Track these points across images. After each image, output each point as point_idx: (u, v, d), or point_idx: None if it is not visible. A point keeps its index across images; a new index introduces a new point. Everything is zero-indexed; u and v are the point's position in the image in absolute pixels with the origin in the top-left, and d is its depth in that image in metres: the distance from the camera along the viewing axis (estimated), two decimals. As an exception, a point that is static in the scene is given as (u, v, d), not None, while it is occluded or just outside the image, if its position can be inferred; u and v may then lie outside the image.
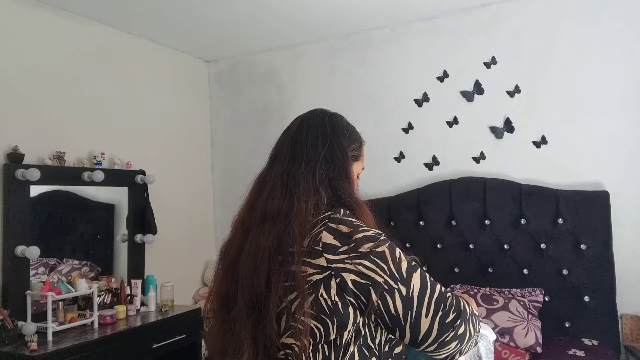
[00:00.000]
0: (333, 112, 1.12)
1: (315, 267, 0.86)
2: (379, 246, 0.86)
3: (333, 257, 0.85)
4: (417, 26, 3.21)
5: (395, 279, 0.84)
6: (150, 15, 2.99)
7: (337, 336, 0.85)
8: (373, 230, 0.91)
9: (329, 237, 0.87)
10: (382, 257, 0.85)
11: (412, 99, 3.22)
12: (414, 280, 0.85)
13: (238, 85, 3.87)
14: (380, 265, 0.84)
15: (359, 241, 0.86)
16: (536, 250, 2.74)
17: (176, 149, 3.59)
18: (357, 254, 0.85)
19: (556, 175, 2.80)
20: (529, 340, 2.39)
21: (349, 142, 1.07)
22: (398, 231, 3.12)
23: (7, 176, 2.46)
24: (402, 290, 0.84)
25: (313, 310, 0.84)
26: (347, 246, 0.86)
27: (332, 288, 0.84)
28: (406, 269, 0.86)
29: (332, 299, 0.84)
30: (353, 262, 0.85)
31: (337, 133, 1.05)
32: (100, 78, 3.05)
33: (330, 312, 0.84)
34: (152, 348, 2.57)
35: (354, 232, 0.87)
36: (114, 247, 3.09)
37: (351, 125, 1.12)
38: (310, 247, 0.87)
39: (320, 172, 0.98)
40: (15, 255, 2.44)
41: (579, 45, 2.77)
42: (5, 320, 2.24)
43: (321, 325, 0.84)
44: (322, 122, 1.05)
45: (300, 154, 0.99)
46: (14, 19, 2.62)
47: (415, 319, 0.83)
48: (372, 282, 0.84)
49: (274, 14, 3.04)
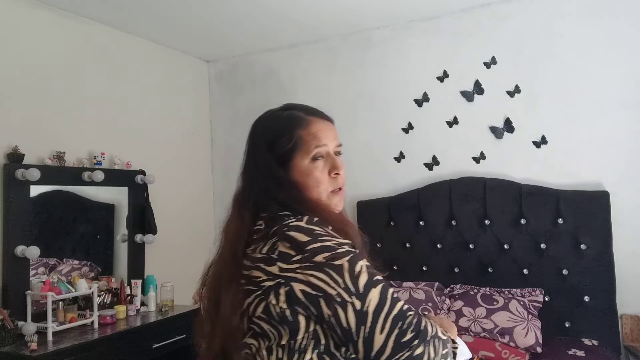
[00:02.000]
0: (265, 113, 1.06)
1: (268, 274, 0.86)
2: (336, 258, 0.83)
3: (285, 265, 0.85)
4: (417, 26, 3.21)
5: (350, 292, 0.80)
6: (150, 15, 2.99)
7: (291, 341, 0.85)
8: (335, 240, 0.86)
9: (284, 246, 0.86)
10: (338, 270, 0.82)
11: (412, 99, 3.22)
12: (371, 295, 0.81)
13: (238, 85, 3.87)
14: (334, 278, 0.81)
15: (314, 251, 0.83)
16: (536, 250, 2.74)
17: (176, 149, 3.59)
18: (311, 264, 0.83)
19: (556, 175, 2.80)
20: (529, 340, 2.39)
21: (274, 140, 0.99)
22: (398, 231, 3.12)
23: (7, 176, 2.46)
24: (356, 304, 0.80)
25: (265, 315, 0.86)
26: (300, 255, 0.84)
27: (280, 296, 0.84)
28: (365, 283, 0.81)
29: (281, 307, 0.84)
30: (305, 272, 0.83)
31: (259, 140, 1.01)
32: (101, 78, 3.05)
33: (280, 318, 0.84)
34: (152, 348, 2.57)
35: (311, 242, 0.84)
36: (114, 247, 3.09)
37: (279, 117, 1.03)
38: (268, 254, 0.88)
39: (255, 189, 0.97)
40: (15, 255, 2.44)
41: (578, 45, 2.77)
42: (5, 320, 2.23)
43: (274, 329, 0.86)
44: (250, 133, 1.04)
45: (242, 172, 1.03)
46: (14, 19, 2.62)
47: (369, 335, 0.79)
48: (323, 294, 0.81)
49: (274, 14, 3.04)
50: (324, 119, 1.04)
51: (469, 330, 2.52)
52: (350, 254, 0.84)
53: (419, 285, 2.88)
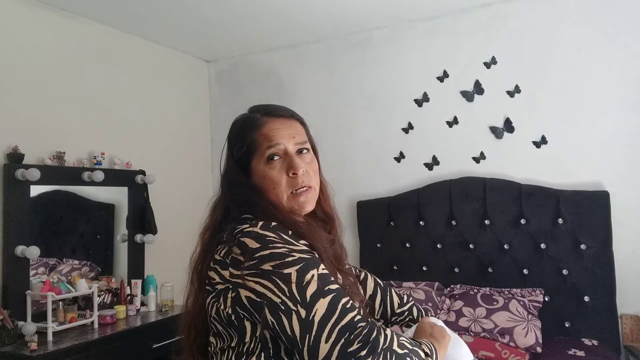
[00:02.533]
0: (238, 116, 1.05)
1: (221, 278, 0.88)
2: (284, 267, 0.81)
3: (235, 271, 0.86)
4: (417, 26, 3.21)
5: (296, 301, 0.79)
6: (150, 15, 2.99)
7: (240, 343, 0.87)
8: (287, 247, 0.84)
9: (237, 251, 0.86)
10: (285, 279, 0.80)
11: (412, 99, 3.21)
12: (317, 305, 0.79)
13: (238, 85, 3.87)
14: (280, 287, 0.80)
15: (263, 258, 0.83)
16: (536, 250, 2.74)
17: (176, 149, 3.59)
18: (257, 272, 0.82)
19: (556, 175, 2.80)
20: (529, 340, 2.39)
21: (235, 146, 1.00)
22: (398, 231, 3.12)
23: (7, 176, 2.46)
24: (301, 313, 0.78)
25: (217, 317, 0.89)
26: (249, 262, 0.83)
27: (228, 300, 0.86)
28: (312, 294, 0.80)
29: (227, 311, 0.86)
30: (252, 279, 0.83)
31: (228, 144, 1.03)
32: (101, 78, 3.05)
33: (228, 322, 0.87)
34: (152, 348, 2.57)
35: (261, 249, 0.84)
36: (114, 247, 3.09)
37: (237, 124, 1.03)
38: (223, 258, 0.89)
39: (228, 192, 1.01)
40: (15, 255, 2.44)
41: (578, 45, 2.77)
42: (5, 320, 2.24)
43: (225, 331, 0.89)
44: (227, 137, 1.05)
45: (221, 176, 1.06)
46: (14, 19, 2.62)
47: (314, 343, 0.77)
48: (267, 301, 0.81)
49: (274, 14, 3.04)
50: (284, 117, 1.01)
51: (469, 330, 2.52)
52: (302, 262, 0.82)
53: (419, 285, 2.88)
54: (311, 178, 0.99)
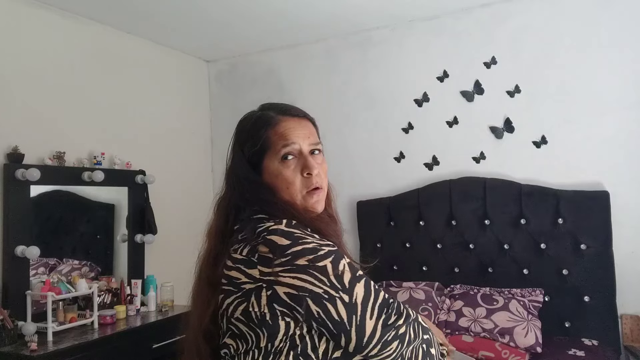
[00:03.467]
0: (247, 113, 1.05)
1: (248, 277, 0.87)
2: (318, 260, 0.84)
3: (266, 269, 0.85)
4: (417, 26, 3.21)
5: (337, 288, 0.83)
6: (150, 16, 2.99)
7: (268, 343, 0.86)
8: (316, 242, 0.87)
9: (264, 249, 0.86)
10: (322, 271, 0.84)
11: (412, 99, 3.21)
12: (356, 289, 0.85)
13: (238, 85, 3.87)
14: (320, 278, 0.83)
15: (296, 254, 0.84)
16: (536, 250, 2.74)
17: (176, 149, 3.59)
18: (293, 267, 0.84)
19: (556, 175, 2.80)
20: (529, 340, 2.39)
21: (246, 144, 0.99)
22: (398, 231, 3.12)
23: (7, 176, 2.46)
24: (345, 298, 0.84)
25: (244, 318, 0.87)
26: (282, 259, 0.84)
27: (262, 299, 0.85)
28: (349, 280, 0.85)
29: (262, 310, 0.85)
30: (289, 274, 0.84)
31: (235, 142, 1.02)
32: (101, 78, 3.05)
33: (259, 322, 0.85)
34: (152, 348, 2.57)
35: (292, 245, 0.85)
36: (114, 247, 3.09)
37: (249, 121, 1.02)
38: (248, 256, 0.88)
39: (236, 190, 0.99)
40: (15, 255, 2.43)
41: (579, 45, 2.77)
42: (5, 320, 2.24)
43: (252, 332, 0.87)
44: (234, 134, 1.04)
45: (226, 174, 1.04)
46: (15, 19, 2.62)
47: (361, 322, 0.83)
48: (309, 294, 0.83)
49: (274, 14, 3.04)
50: (298, 117, 1.01)
51: (469, 330, 2.52)
52: (332, 254, 0.86)
53: (419, 285, 2.88)
54: (322, 179, 1.00)
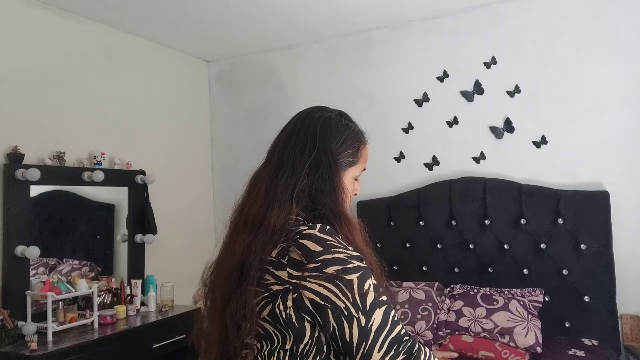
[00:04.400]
0: (332, 112, 1.06)
1: (276, 278, 0.87)
2: (347, 272, 0.84)
3: (295, 272, 0.85)
4: (417, 26, 3.21)
5: (357, 307, 0.83)
6: (150, 16, 2.99)
7: (294, 346, 0.86)
8: (347, 252, 0.87)
9: (296, 253, 0.86)
10: (348, 285, 0.83)
11: (412, 99, 3.22)
12: (375, 315, 0.83)
13: (238, 85, 3.87)
14: (344, 291, 0.83)
15: (326, 262, 0.84)
16: (536, 250, 2.74)
17: (176, 149, 3.59)
18: (321, 274, 0.84)
19: (556, 175, 2.80)
20: (529, 340, 2.39)
21: (342, 149, 1.02)
22: (398, 231, 3.12)
23: (7, 176, 2.46)
24: (362, 320, 0.82)
25: (270, 319, 0.87)
26: (312, 264, 0.84)
27: (288, 301, 0.85)
28: (371, 302, 0.84)
29: (288, 312, 0.85)
30: (315, 281, 0.84)
31: (328, 140, 1.00)
32: (101, 78, 3.05)
33: (285, 324, 0.86)
34: (152, 348, 2.57)
35: (323, 252, 0.85)
36: (114, 247, 3.09)
37: (350, 128, 1.05)
38: (278, 258, 0.88)
39: (302, 183, 0.95)
40: (15, 255, 2.44)
41: (579, 45, 2.77)
42: (5, 320, 2.24)
43: (279, 333, 0.87)
44: (315, 127, 1.01)
45: (286, 162, 0.98)
46: (15, 19, 2.62)
47: (368, 351, 0.82)
48: (331, 305, 0.83)
49: (274, 14, 3.04)
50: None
51: (468, 330, 2.52)
52: (360, 270, 0.86)
53: (419, 285, 2.88)
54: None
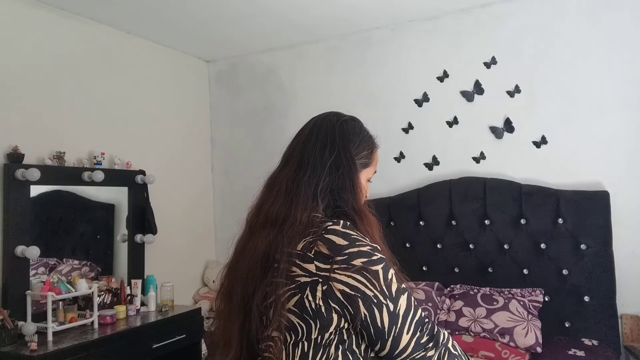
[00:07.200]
0: (347, 117, 1.12)
1: (304, 270, 0.90)
2: (372, 264, 0.89)
3: (323, 265, 0.89)
4: (417, 26, 3.21)
5: (385, 295, 0.89)
6: (150, 16, 2.99)
7: (319, 336, 0.89)
8: (370, 245, 0.92)
9: (323, 247, 0.90)
10: (375, 275, 0.89)
11: (412, 99, 3.22)
12: (401, 301, 0.90)
13: (238, 85, 3.87)
14: (372, 281, 0.88)
15: (353, 255, 0.89)
16: (536, 250, 2.74)
17: (176, 149, 3.59)
18: (349, 266, 0.88)
19: (556, 175, 2.80)
20: (529, 340, 2.39)
21: (358, 150, 1.08)
22: (398, 231, 3.12)
23: (7, 176, 2.46)
24: (390, 307, 0.89)
25: (297, 309, 0.89)
26: (340, 257, 0.89)
27: (317, 292, 0.88)
28: (396, 289, 0.90)
29: (317, 303, 0.88)
30: (344, 273, 0.88)
31: (346, 141, 1.06)
32: (101, 78, 3.05)
33: (314, 313, 0.89)
34: (152, 348, 2.57)
35: (349, 246, 0.90)
36: (114, 247, 3.09)
37: (364, 131, 1.13)
38: (303, 251, 0.91)
39: (324, 181, 1.00)
40: (15, 255, 2.44)
41: (579, 45, 2.77)
42: (5, 320, 2.24)
43: (304, 323, 0.89)
44: (332, 129, 1.06)
45: (307, 161, 1.02)
46: (14, 19, 2.62)
47: (398, 334, 0.88)
48: (361, 295, 0.87)
49: (274, 14, 3.04)
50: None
51: (469, 330, 2.52)
52: (383, 261, 0.91)
53: (419, 285, 2.88)
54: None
